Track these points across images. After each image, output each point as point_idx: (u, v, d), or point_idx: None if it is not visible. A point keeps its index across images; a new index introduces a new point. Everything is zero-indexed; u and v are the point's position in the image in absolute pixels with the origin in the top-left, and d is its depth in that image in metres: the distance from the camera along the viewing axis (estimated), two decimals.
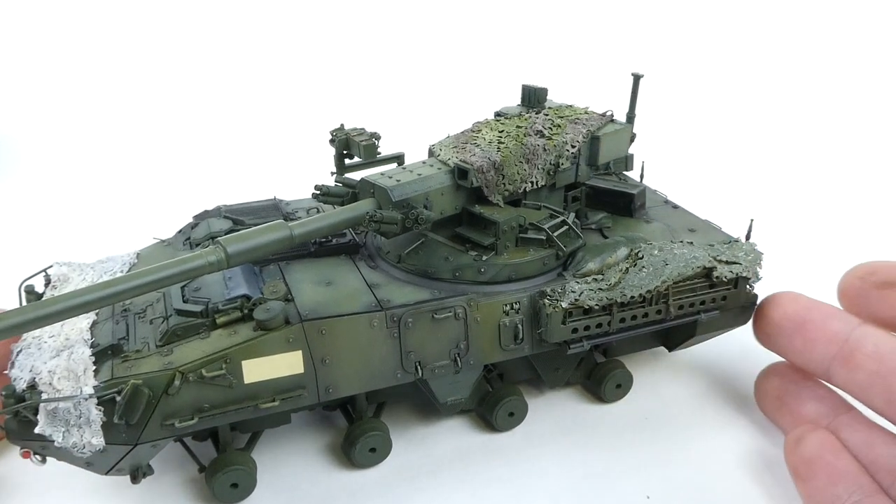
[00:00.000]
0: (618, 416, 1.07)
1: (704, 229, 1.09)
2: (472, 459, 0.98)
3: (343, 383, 0.86)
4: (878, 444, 0.87)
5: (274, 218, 1.04)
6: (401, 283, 0.92)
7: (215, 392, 0.81)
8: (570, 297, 0.91)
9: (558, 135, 1.03)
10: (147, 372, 0.78)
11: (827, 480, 0.85)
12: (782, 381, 1.01)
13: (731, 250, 1.01)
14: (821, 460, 0.87)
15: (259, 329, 0.82)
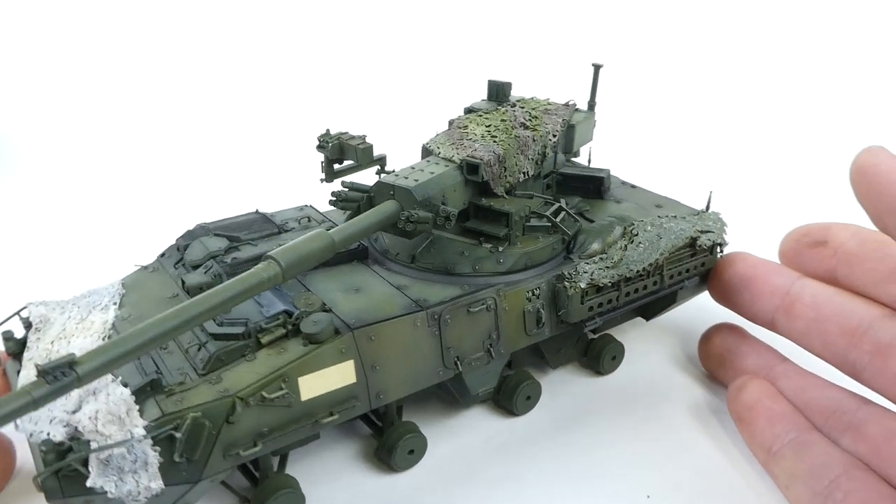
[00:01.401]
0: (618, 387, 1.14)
1: (669, 204, 1.19)
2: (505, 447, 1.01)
3: (392, 388, 0.87)
4: (810, 389, 0.99)
5: (268, 231, 1.02)
6: (425, 283, 0.93)
7: (274, 414, 0.78)
8: (585, 277, 0.96)
9: (540, 126, 1.07)
10: (202, 403, 0.74)
11: (767, 423, 0.96)
12: (723, 341, 1.14)
13: (702, 221, 1.11)
14: (760, 405, 0.98)
15: (310, 343, 0.80)
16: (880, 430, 0.88)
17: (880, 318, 0.91)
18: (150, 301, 0.93)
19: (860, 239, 0.97)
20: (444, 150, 1.01)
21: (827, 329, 0.96)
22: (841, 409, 0.93)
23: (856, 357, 0.92)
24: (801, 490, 0.88)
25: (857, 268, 0.96)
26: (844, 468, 0.85)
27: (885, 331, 0.89)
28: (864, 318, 0.92)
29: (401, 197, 0.91)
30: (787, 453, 0.91)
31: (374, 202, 0.93)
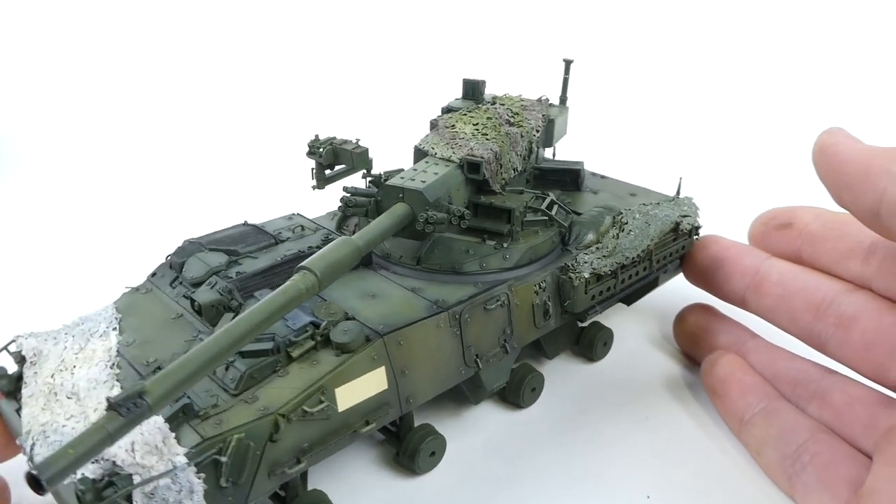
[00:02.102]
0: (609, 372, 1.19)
1: (642, 192, 1.25)
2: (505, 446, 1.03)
3: (420, 391, 0.87)
4: (778, 361, 1.05)
5: (264, 243, 1.00)
6: (436, 284, 0.94)
7: (314, 428, 0.77)
8: (587, 267, 0.99)
9: (524, 122, 1.10)
10: (244, 423, 0.72)
11: (738, 394, 1.03)
12: (696, 320, 1.21)
13: (679, 206, 1.16)
14: (732, 377, 1.05)
15: (342, 353, 0.79)
16: (843, 398, 0.94)
17: (843, 292, 0.97)
18: (153, 324, 0.89)
19: (823, 220, 1.05)
20: (439, 150, 1.01)
21: (793, 305, 1.02)
22: (807, 379, 0.99)
23: (821, 330, 0.98)
24: (771, 455, 0.94)
25: (820, 247, 1.03)
26: (811, 433, 0.91)
27: (847, 304, 0.95)
28: (827, 294, 0.98)
29: (411, 199, 0.91)
30: (757, 421, 0.98)
31: (381, 206, 0.93)
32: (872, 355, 0.91)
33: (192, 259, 0.95)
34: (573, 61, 1.22)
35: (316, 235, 1.04)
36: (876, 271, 0.94)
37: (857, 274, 0.97)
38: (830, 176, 0.88)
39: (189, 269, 0.93)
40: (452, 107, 1.18)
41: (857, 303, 0.95)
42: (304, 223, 1.08)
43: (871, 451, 0.87)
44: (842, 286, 0.98)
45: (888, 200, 0.78)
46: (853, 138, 0.89)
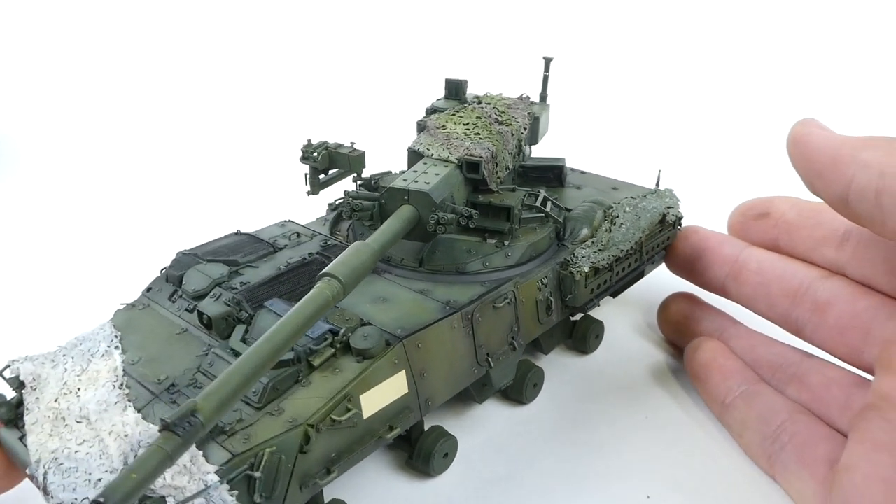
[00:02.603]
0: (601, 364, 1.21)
1: (623, 186, 1.28)
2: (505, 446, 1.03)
3: (438, 393, 0.87)
4: (758, 346, 1.08)
5: (263, 251, 0.99)
6: (443, 284, 0.94)
7: (342, 437, 0.76)
8: (586, 261, 1.01)
9: (512, 120, 1.11)
10: (274, 437, 0.71)
11: (720, 378, 1.07)
12: (679, 308, 1.25)
13: (661, 198, 1.20)
14: (714, 362, 1.09)
15: (363, 359, 0.79)
16: (820, 379, 0.98)
17: (818, 278, 1.01)
18: (157, 340, 0.86)
19: (798, 209, 1.09)
20: (435, 151, 1.01)
21: (771, 292, 1.06)
22: (786, 363, 1.03)
23: (798, 315, 1.01)
24: (751, 435, 0.98)
25: (796, 235, 1.07)
26: (789, 413, 0.95)
27: (822, 290, 0.99)
28: (804, 280, 1.02)
29: (417, 201, 0.91)
30: (738, 404, 1.01)
31: (385, 209, 0.92)
32: (847, 338, 0.95)
33: (191, 271, 0.92)
34: (553, 59, 1.24)
35: (313, 242, 1.03)
36: (849, 257, 0.98)
37: (832, 260, 1.01)
38: (803, 164, 0.92)
39: (189, 282, 0.91)
40: (437, 107, 1.18)
41: (832, 288, 0.98)
42: (298, 230, 1.06)
43: (846, 429, 0.90)
44: (817, 273, 1.02)
45: (856, 187, 0.81)
46: (825, 128, 0.93)
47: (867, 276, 0.95)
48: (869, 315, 0.93)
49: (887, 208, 0.77)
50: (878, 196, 0.78)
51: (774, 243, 1.10)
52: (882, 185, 0.77)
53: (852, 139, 0.86)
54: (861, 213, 0.82)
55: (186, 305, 0.89)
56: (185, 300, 0.90)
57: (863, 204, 0.81)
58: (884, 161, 0.78)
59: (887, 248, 0.93)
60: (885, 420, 0.81)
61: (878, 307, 0.92)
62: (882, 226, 0.79)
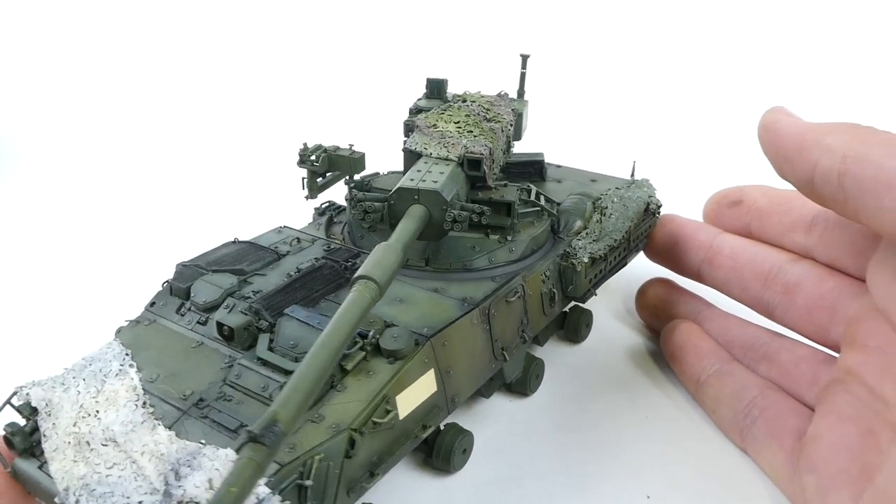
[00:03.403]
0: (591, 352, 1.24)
1: (602, 178, 1.31)
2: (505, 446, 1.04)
3: (462, 389, 0.88)
4: (731, 328, 1.13)
5: (268, 259, 0.98)
6: (454, 282, 0.95)
7: (381, 439, 0.76)
8: (584, 252, 1.04)
9: (499, 117, 1.13)
10: (320, 444, 0.71)
11: (695, 358, 1.12)
12: (656, 293, 1.30)
13: (640, 188, 1.24)
14: (689, 343, 1.15)
15: (395, 359, 0.79)
16: (790, 357, 1.02)
17: (788, 262, 1.05)
18: (173, 356, 0.84)
19: (769, 197, 1.14)
20: (434, 150, 1.02)
21: (744, 275, 1.10)
22: (758, 343, 1.07)
23: (769, 297, 1.06)
24: (724, 412, 1.03)
25: (767, 221, 1.12)
26: (760, 390, 1.00)
27: (792, 273, 1.03)
28: (774, 264, 1.06)
29: (427, 200, 0.91)
30: (712, 382, 1.07)
31: (394, 209, 0.92)
32: (815, 318, 0.99)
33: (198, 283, 0.90)
34: (530, 56, 1.26)
35: (315, 246, 1.02)
36: (817, 241, 1.02)
37: (801, 244, 1.05)
38: (772, 150, 0.96)
39: (199, 294, 0.88)
40: (421, 107, 1.18)
41: (801, 271, 1.03)
42: (297, 235, 1.05)
43: (814, 404, 0.94)
44: (787, 256, 1.06)
45: (820, 170, 0.85)
46: (792, 115, 0.98)
47: (833, 258, 1.00)
48: (835, 295, 0.97)
49: (849, 190, 0.81)
50: (840, 178, 0.82)
51: (747, 229, 1.16)
52: (844, 168, 0.81)
53: (817, 125, 0.91)
54: (825, 195, 0.86)
55: (198, 318, 0.87)
56: (195, 313, 0.88)
57: (826, 186, 0.85)
58: (846, 145, 0.82)
59: (852, 232, 0.97)
60: (849, 393, 0.86)
61: (844, 287, 0.97)
62: (844, 207, 0.84)
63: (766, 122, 0.97)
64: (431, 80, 1.21)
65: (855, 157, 0.80)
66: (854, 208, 0.82)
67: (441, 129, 1.08)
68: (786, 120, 0.95)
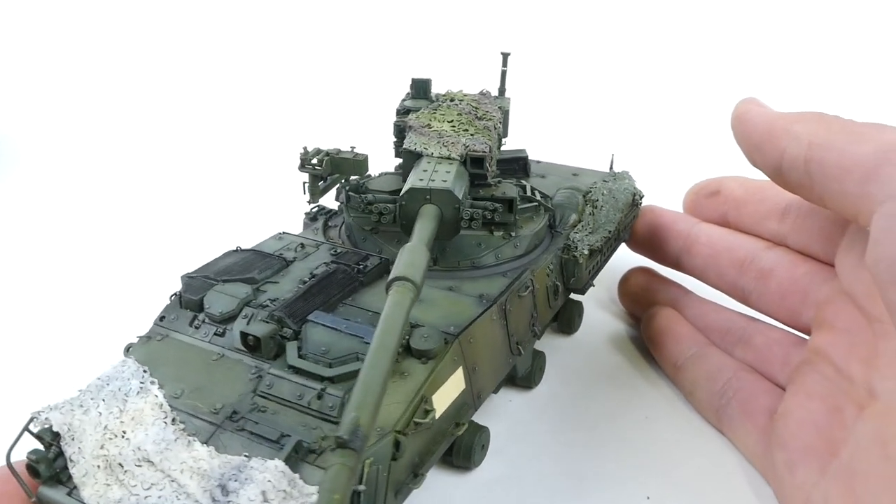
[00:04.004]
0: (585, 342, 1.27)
1: (583, 172, 1.35)
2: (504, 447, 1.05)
3: (486, 385, 0.89)
4: (709, 313, 1.18)
5: (277, 266, 0.97)
6: (466, 280, 0.96)
7: (421, 440, 0.77)
8: (583, 245, 1.07)
9: (488, 115, 1.14)
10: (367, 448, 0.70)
11: (674, 342, 1.17)
12: (637, 281, 1.35)
13: (621, 180, 1.28)
14: (668, 328, 1.20)
15: (427, 359, 0.79)
16: (763, 340, 1.06)
17: (762, 249, 1.09)
18: (195, 370, 0.81)
19: (745, 187, 1.18)
20: (434, 149, 1.02)
21: (720, 263, 1.14)
22: (733, 327, 1.12)
23: (744, 283, 1.10)
24: (701, 393, 1.08)
25: (743, 210, 1.16)
26: (734, 372, 1.04)
27: (766, 259, 1.07)
28: (749, 251, 1.10)
29: (439, 199, 0.91)
30: (689, 365, 1.11)
31: (405, 210, 0.92)
32: (787, 302, 1.03)
33: (211, 294, 0.87)
34: (510, 54, 1.28)
35: (320, 251, 1.01)
36: (790, 229, 1.06)
37: (775, 232, 1.09)
38: (743, 139, 1.00)
39: (213, 305, 0.86)
40: (409, 107, 1.18)
41: (775, 258, 1.07)
42: (299, 241, 1.03)
43: (786, 384, 0.99)
44: (761, 244, 1.10)
45: (788, 157, 0.89)
46: (763, 106, 1.02)
47: (805, 244, 1.04)
48: (807, 280, 1.01)
49: (815, 176, 0.85)
50: (806, 164, 0.86)
51: (724, 219, 1.20)
52: (810, 155, 0.85)
53: (786, 115, 0.95)
54: (793, 181, 0.90)
55: (215, 330, 0.85)
56: (210, 325, 0.86)
57: (794, 173, 0.89)
58: (811, 133, 0.86)
59: (822, 219, 1.01)
60: (817, 372, 0.91)
61: (815, 273, 1.01)
62: (811, 192, 0.88)
63: (738, 113, 1.01)
64: (416, 80, 1.21)
65: (820, 144, 0.84)
66: (819, 193, 0.85)
67: (436, 128, 1.08)
68: (756, 110, 0.99)
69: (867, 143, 0.78)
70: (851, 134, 0.82)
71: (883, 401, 0.79)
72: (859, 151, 0.78)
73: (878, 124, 0.83)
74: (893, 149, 0.75)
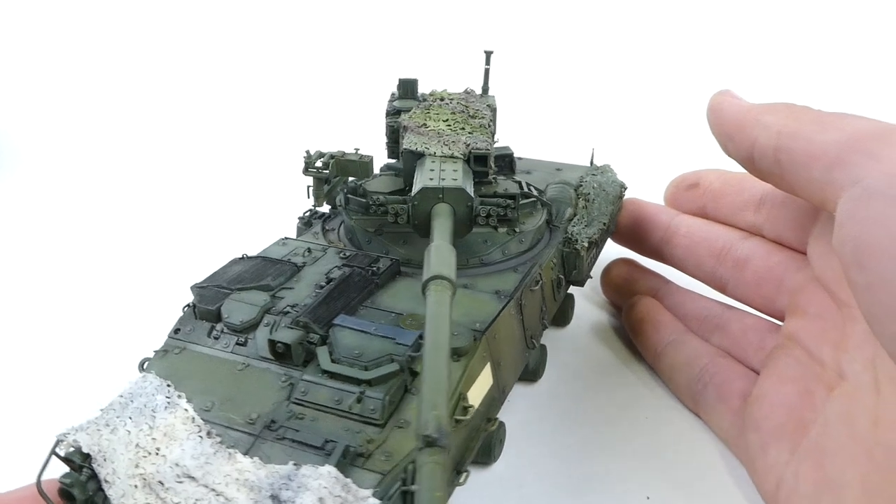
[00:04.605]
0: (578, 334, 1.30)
1: (566, 167, 1.37)
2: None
3: (509, 380, 0.91)
4: (687, 302, 1.21)
5: (289, 272, 0.96)
6: (478, 277, 0.97)
7: (459, 436, 0.78)
8: (583, 238, 1.09)
9: (479, 113, 1.16)
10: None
11: (653, 330, 1.21)
12: (619, 272, 1.38)
13: (605, 173, 1.31)
14: (648, 317, 1.24)
15: (459, 356, 0.80)
16: (739, 327, 1.09)
17: (739, 239, 1.12)
18: (221, 381, 0.80)
19: (723, 179, 1.22)
20: (435, 148, 1.03)
21: (699, 253, 1.18)
22: (711, 315, 1.15)
23: (721, 273, 1.13)
24: (679, 378, 1.12)
25: (721, 202, 1.20)
26: (711, 358, 1.07)
27: (742, 249, 1.10)
28: (726, 241, 1.13)
29: (452, 197, 0.92)
30: (668, 352, 1.15)
31: (418, 209, 0.93)
32: (763, 290, 1.06)
33: (228, 303, 0.86)
34: (493, 52, 1.29)
35: (328, 255, 1.00)
36: (765, 219, 1.09)
37: (751, 222, 1.12)
38: (717, 129, 1.04)
39: (232, 314, 0.84)
40: (400, 108, 1.18)
41: (750, 247, 1.09)
42: (306, 245, 1.02)
43: (760, 368, 1.01)
44: (738, 234, 1.13)
45: (759, 146, 0.92)
46: (736, 97, 1.06)
47: (779, 234, 1.07)
48: (781, 268, 1.04)
49: (784, 164, 0.88)
50: (776, 153, 0.88)
51: (703, 210, 1.24)
52: (779, 144, 0.88)
53: (757, 106, 0.98)
54: (764, 169, 0.93)
55: (236, 339, 0.83)
56: (230, 334, 0.84)
57: (764, 161, 0.91)
58: (781, 122, 0.89)
59: (795, 209, 1.03)
60: (790, 357, 0.93)
61: (789, 261, 1.03)
62: (781, 180, 0.90)
63: (712, 105, 1.05)
64: (404, 81, 1.21)
65: (788, 133, 0.87)
66: (789, 181, 0.88)
67: (433, 127, 1.09)
68: (729, 101, 1.03)
69: (833, 131, 0.81)
70: (818, 123, 0.84)
71: (850, 381, 0.82)
72: (825, 140, 0.81)
73: (844, 114, 0.85)
74: (857, 137, 0.78)
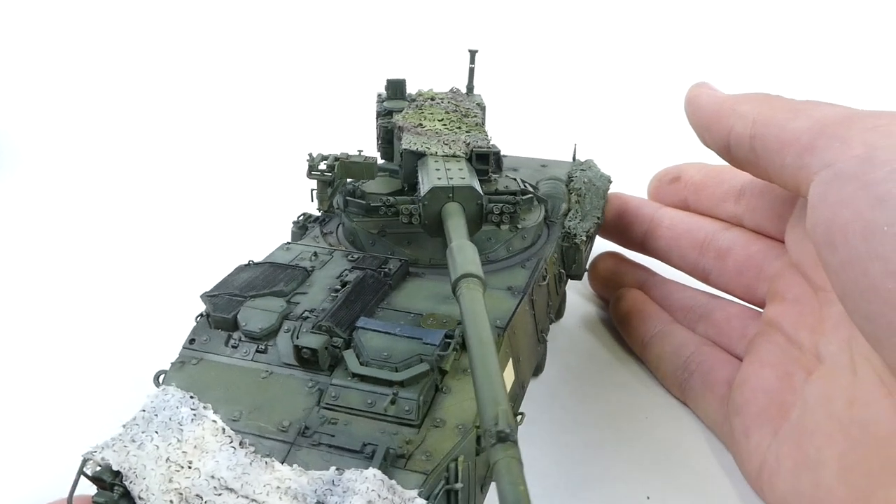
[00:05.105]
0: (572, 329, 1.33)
1: (552, 163, 1.39)
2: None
3: (526, 375, 0.92)
4: (672, 293, 1.24)
5: (300, 277, 0.95)
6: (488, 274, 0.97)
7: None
8: (580, 232, 1.11)
9: (471, 112, 1.17)
10: (454, 446, 0.71)
11: (640, 321, 1.24)
12: (606, 265, 1.41)
13: (590, 169, 1.34)
14: (634, 308, 1.27)
15: None
16: (723, 315, 1.13)
17: (720, 230, 1.16)
18: (245, 390, 0.78)
19: (704, 172, 1.26)
20: (436, 148, 1.03)
21: (682, 244, 1.21)
22: (695, 305, 1.18)
23: (704, 263, 1.16)
24: (666, 367, 1.15)
25: (702, 194, 1.24)
26: (696, 346, 1.11)
27: (723, 239, 1.14)
28: (708, 232, 1.17)
29: (462, 196, 0.93)
30: (655, 342, 1.18)
31: (428, 209, 0.93)
32: (743, 279, 1.09)
33: (244, 311, 0.84)
34: (478, 51, 1.30)
35: (335, 258, 0.99)
36: (745, 210, 1.13)
37: (732, 213, 1.15)
38: (694, 120, 1.07)
39: (250, 322, 0.83)
40: (391, 108, 1.18)
41: (731, 237, 1.13)
42: (311, 249, 1.01)
43: (743, 355, 1.04)
44: (719, 225, 1.17)
45: (734, 135, 0.96)
46: (713, 89, 1.09)
47: (759, 223, 1.10)
48: (760, 257, 1.07)
49: (759, 151, 0.91)
50: (751, 141, 0.92)
51: (685, 203, 1.27)
52: (754, 132, 0.91)
53: (733, 96, 1.02)
54: (740, 157, 0.97)
55: (256, 347, 0.82)
56: (249, 342, 0.83)
57: (740, 149, 0.95)
58: (756, 111, 0.93)
59: (773, 198, 1.07)
60: (770, 342, 0.97)
61: (768, 249, 1.07)
62: (757, 167, 0.94)
63: (690, 96, 1.08)
64: (392, 81, 1.21)
65: (763, 121, 0.90)
66: (765, 168, 0.91)
67: (429, 127, 1.09)
68: (706, 92, 1.07)
69: (804, 118, 0.84)
70: (790, 111, 0.88)
71: (827, 363, 0.86)
72: (797, 126, 0.84)
73: (815, 101, 0.89)
74: (827, 122, 0.82)
